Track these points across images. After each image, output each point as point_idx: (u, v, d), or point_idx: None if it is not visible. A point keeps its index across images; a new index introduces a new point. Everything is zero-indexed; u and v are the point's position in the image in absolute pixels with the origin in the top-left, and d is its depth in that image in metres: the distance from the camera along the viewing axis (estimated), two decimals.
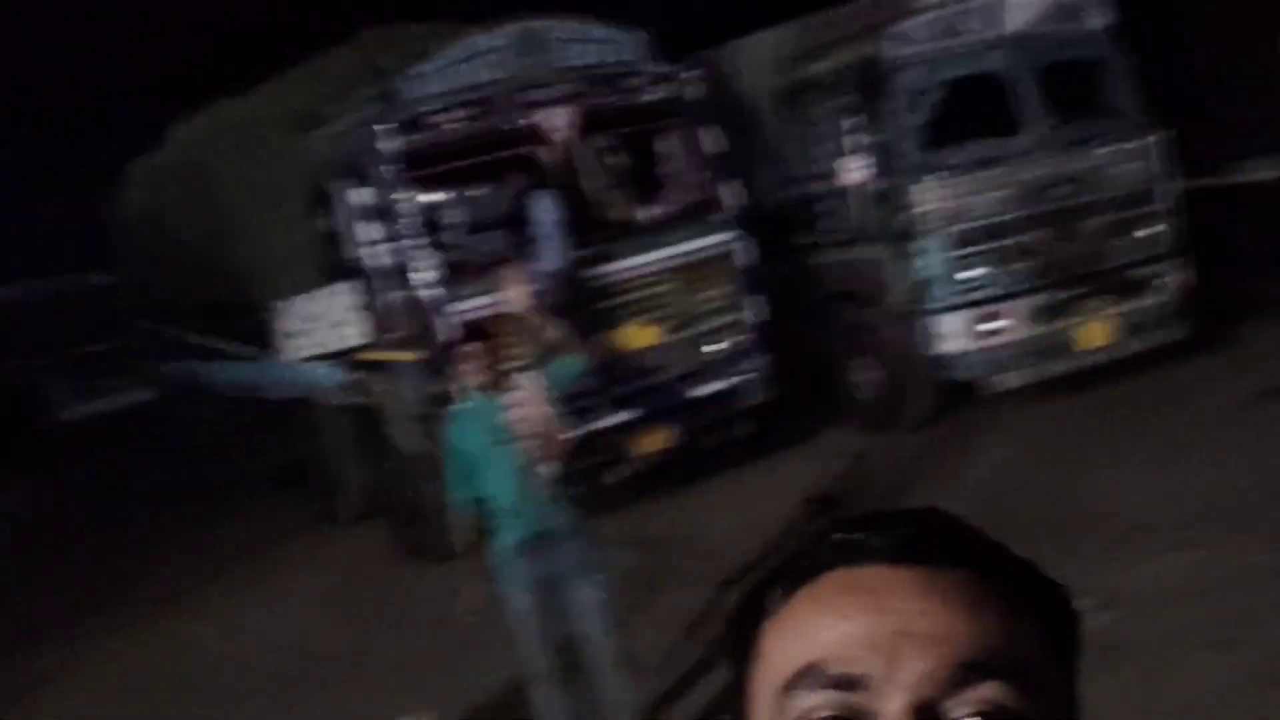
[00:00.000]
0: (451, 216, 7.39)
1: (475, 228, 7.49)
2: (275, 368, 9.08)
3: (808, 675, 0.67)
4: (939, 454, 7.79)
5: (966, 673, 0.65)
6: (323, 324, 7.90)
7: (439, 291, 7.01)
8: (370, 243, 7.22)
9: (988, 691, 0.65)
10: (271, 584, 8.21)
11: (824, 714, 0.66)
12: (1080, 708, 0.72)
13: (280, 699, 6.20)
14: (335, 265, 7.73)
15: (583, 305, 7.15)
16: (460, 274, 7.06)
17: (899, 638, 0.65)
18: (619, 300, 7.63)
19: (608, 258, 7.59)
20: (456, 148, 7.08)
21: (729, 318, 7.99)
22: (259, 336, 9.05)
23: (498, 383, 4.52)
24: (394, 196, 7.05)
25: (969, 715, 0.64)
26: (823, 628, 0.68)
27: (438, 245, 7.13)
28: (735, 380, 8.01)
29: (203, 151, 9.87)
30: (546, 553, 4.44)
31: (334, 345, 7.99)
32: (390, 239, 7.10)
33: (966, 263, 7.76)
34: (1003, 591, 0.69)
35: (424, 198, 7.20)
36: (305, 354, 8.36)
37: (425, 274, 7.04)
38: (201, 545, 9.57)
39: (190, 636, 7.46)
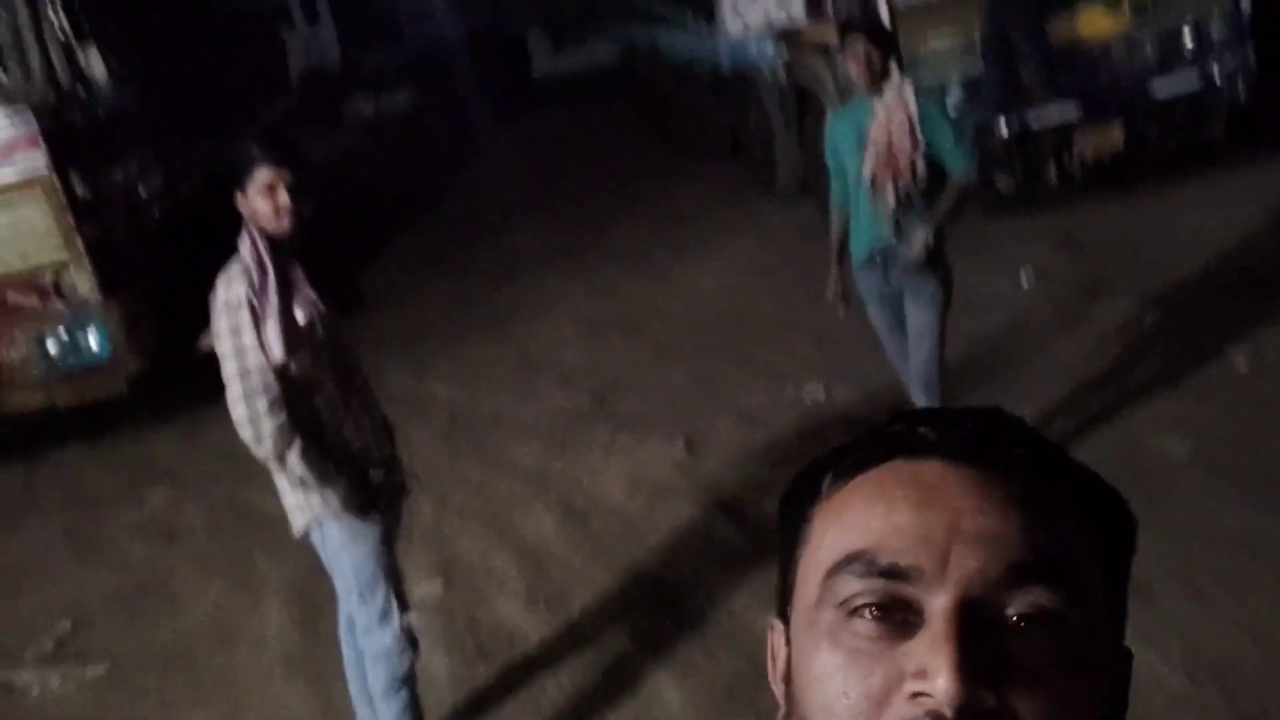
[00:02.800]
0: None
1: None
2: (720, 41, 9.24)
3: (856, 562, 0.67)
4: None
5: (1017, 574, 0.64)
6: (764, 2, 7.88)
7: None
8: None
9: (1036, 594, 0.64)
10: (713, 247, 8.71)
11: (868, 600, 0.66)
12: (1127, 616, 0.72)
13: (712, 346, 6.77)
14: None
15: None
16: None
17: (952, 534, 0.65)
18: None
19: None
20: None
21: (1206, 5, 7.10)
22: (707, 8, 9.19)
23: (874, 86, 4.26)
24: None
25: (1016, 616, 0.64)
26: (874, 517, 0.68)
27: None
28: (1206, 77, 7.20)
29: None
30: (888, 269, 4.41)
31: (775, 23, 7.99)
32: None
33: None
34: (1060, 497, 0.68)
35: None
36: (747, 30, 8.41)
37: None
38: (657, 203, 10.27)
39: (637, 289, 8.16)
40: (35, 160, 6.08)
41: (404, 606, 3.33)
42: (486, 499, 5.47)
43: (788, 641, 0.72)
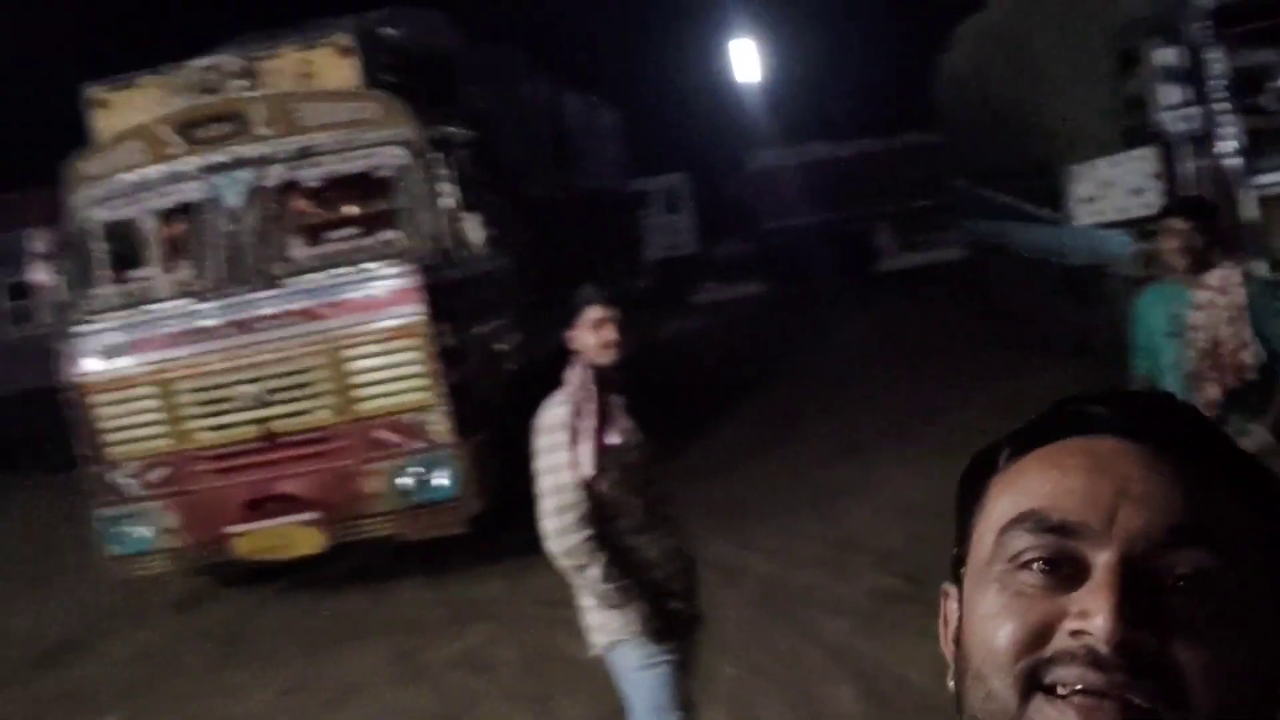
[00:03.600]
0: (1267, 78, 6.70)
1: None
2: (1069, 232, 9.05)
3: (1027, 519, 0.71)
4: None
5: (1178, 536, 0.68)
6: (1118, 190, 7.67)
7: (1244, 161, 6.46)
8: (1174, 105, 6.83)
9: (1197, 556, 0.67)
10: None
11: (1037, 554, 0.70)
12: None
13: None
14: (1136, 129, 7.44)
15: None
16: (1272, 143, 6.42)
17: (1118, 497, 0.69)
18: None
19: None
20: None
21: None
22: (1054, 199, 9.06)
23: (1195, 270, 3.95)
24: (1203, 57, 6.56)
25: (1176, 575, 0.67)
26: (1048, 481, 0.72)
27: (1247, 110, 6.53)
28: None
29: (1019, 12, 9.97)
30: None
31: (1128, 213, 7.75)
32: (1195, 103, 6.65)
33: None
34: (1225, 476, 0.71)
35: (1234, 58, 6.60)
36: (1098, 220, 8.21)
37: (1231, 141, 6.51)
38: (990, 397, 10.02)
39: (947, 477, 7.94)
40: (415, 310, 6.78)
41: None
42: (790, 669, 5.37)
43: (960, 603, 0.76)
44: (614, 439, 3.23)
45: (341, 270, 6.97)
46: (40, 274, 7.45)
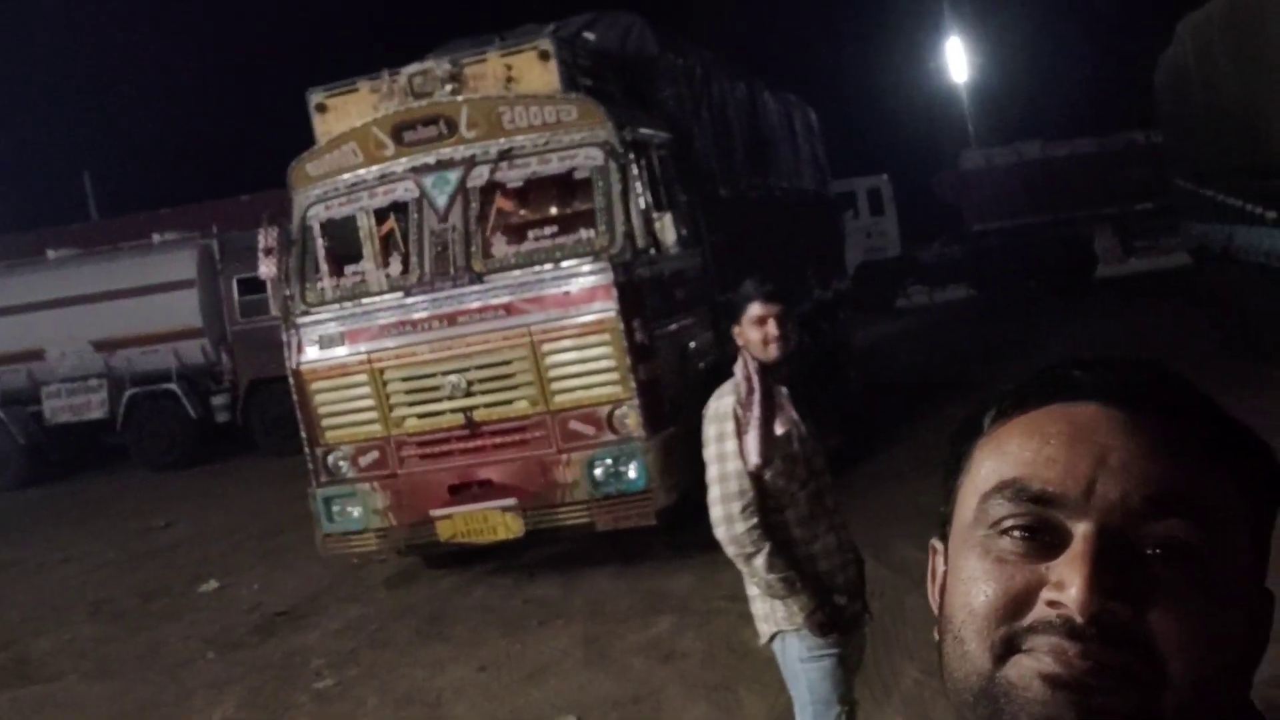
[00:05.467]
0: None
1: None
2: None
3: (1008, 488, 0.72)
4: None
5: (1156, 507, 0.68)
6: None
7: None
8: None
9: (1174, 526, 0.68)
10: None
11: (1017, 522, 0.71)
12: (1268, 563, 0.73)
13: None
14: None
15: None
16: None
17: (1098, 467, 0.70)
18: None
19: None
20: None
21: None
22: None
23: None
24: None
25: (1154, 545, 0.68)
26: (1028, 449, 0.73)
27: None
28: None
29: (1251, 3, 9.43)
30: None
31: None
32: None
33: None
34: (1204, 442, 0.72)
35: None
36: None
37: None
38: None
39: None
40: (609, 307, 6.98)
41: None
42: None
43: (946, 560, 0.78)
44: (780, 429, 3.28)
45: (540, 267, 7.23)
46: (267, 269, 8.00)
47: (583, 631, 6.65)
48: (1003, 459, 0.74)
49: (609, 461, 7.10)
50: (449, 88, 7.55)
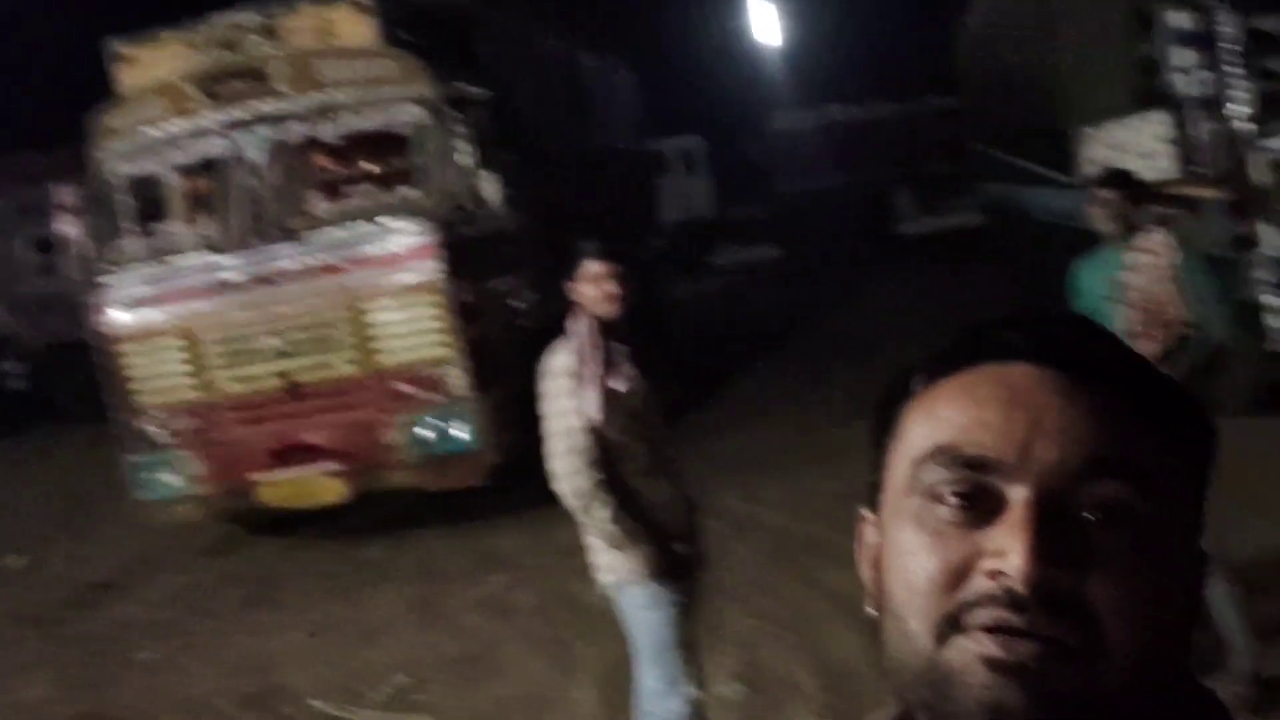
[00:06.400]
0: (1278, 43, 6.73)
1: None
2: (1080, 195, 9.09)
3: (941, 454, 0.70)
4: None
5: (1093, 468, 0.67)
6: (1129, 153, 7.73)
7: (1253, 126, 6.51)
8: (1184, 70, 6.88)
9: (1113, 488, 0.67)
10: None
11: (952, 489, 0.69)
12: (1206, 522, 0.73)
13: None
14: (1149, 92, 7.48)
15: None
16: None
17: (1034, 430, 0.68)
18: None
19: None
20: None
21: None
22: (1066, 162, 9.12)
23: (1126, 236, 4.17)
24: (1217, 19, 6.61)
25: (1092, 508, 0.67)
26: (961, 413, 0.71)
27: (1259, 74, 6.57)
28: None
29: None
30: None
31: (1138, 176, 7.80)
32: (1207, 66, 6.70)
33: None
34: (1140, 402, 0.71)
35: (1246, 22, 6.64)
36: None
37: (1242, 106, 6.57)
38: None
39: None
40: (433, 266, 6.92)
41: (695, 681, 3.48)
42: (798, 616, 5.53)
43: (878, 530, 0.76)
44: (618, 385, 3.38)
45: (361, 226, 7.11)
46: (66, 227, 7.61)
47: (415, 592, 6.64)
48: (934, 424, 0.72)
49: (436, 422, 7.07)
50: (261, 40, 7.31)
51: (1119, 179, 4.46)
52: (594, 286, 3.44)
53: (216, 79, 7.29)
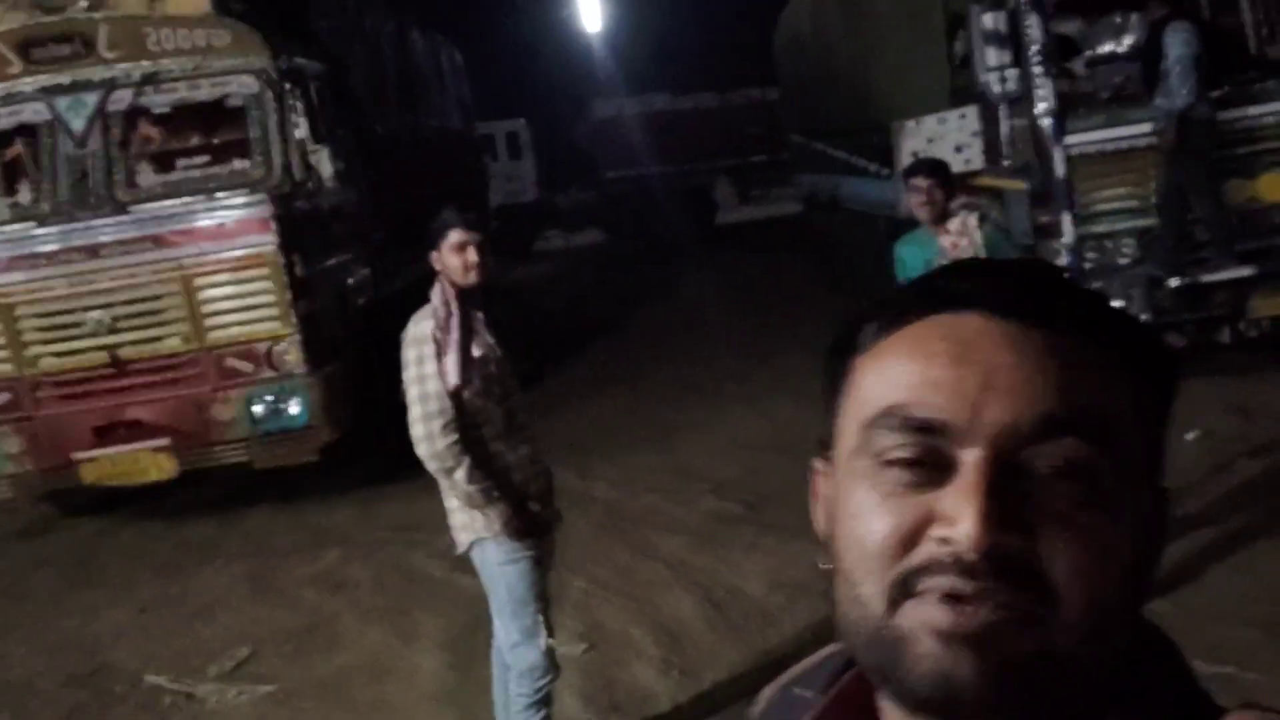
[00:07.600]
0: (1078, 46, 7.31)
1: (1101, 59, 7.34)
2: (896, 187, 9.60)
3: (891, 416, 0.68)
4: None
5: (1047, 426, 0.65)
6: (943, 146, 8.22)
7: (1056, 122, 7.03)
8: (995, 68, 7.36)
9: (1067, 446, 0.65)
10: None
11: (903, 454, 0.67)
12: (1165, 470, 0.72)
13: None
14: (962, 89, 7.98)
15: (1216, 148, 6.84)
16: (1081, 106, 7.02)
17: (985, 390, 0.65)
18: (1261, 146, 7.11)
19: (1252, 99, 7.07)
20: None
21: None
22: (885, 155, 9.60)
23: (938, 220, 4.72)
24: (1024, 22, 7.10)
25: (1047, 467, 0.65)
26: (911, 372, 0.68)
27: (1061, 74, 7.11)
28: None
29: None
30: None
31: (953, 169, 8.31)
32: (1015, 65, 7.19)
33: None
34: (1098, 351, 0.68)
35: (1053, 24, 7.17)
36: None
37: (1045, 103, 7.08)
38: (824, 340, 10.52)
39: (797, 415, 8.29)
40: (266, 240, 6.84)
41: (550, 632, 3.64)
42: (632, 580, 5.74)
43: (831, 483, 0.74)
44: (477, 351, 3.50)
45: (192, 198, 6.96)
46: None
47: (246, 568, 6.56)
48: (884, 381, 0.69)
49: (269, 398, 7.00)
50: (85, 3, 7.05)
51: (933, 169, 4.88)
52: (456, 255, 3.54)
53: (35, 42, 7.00)
